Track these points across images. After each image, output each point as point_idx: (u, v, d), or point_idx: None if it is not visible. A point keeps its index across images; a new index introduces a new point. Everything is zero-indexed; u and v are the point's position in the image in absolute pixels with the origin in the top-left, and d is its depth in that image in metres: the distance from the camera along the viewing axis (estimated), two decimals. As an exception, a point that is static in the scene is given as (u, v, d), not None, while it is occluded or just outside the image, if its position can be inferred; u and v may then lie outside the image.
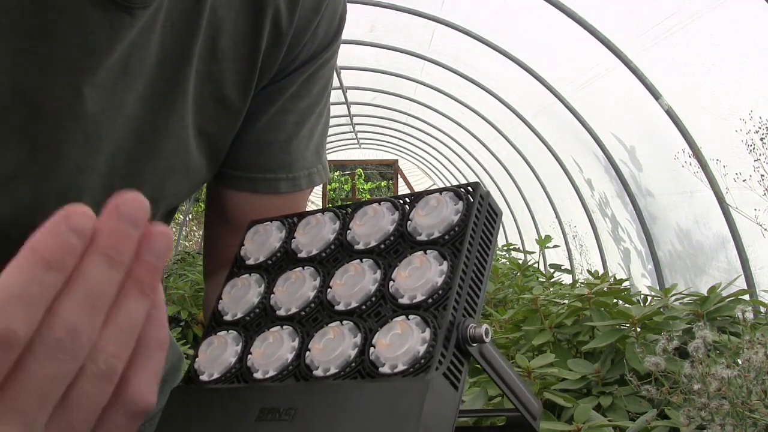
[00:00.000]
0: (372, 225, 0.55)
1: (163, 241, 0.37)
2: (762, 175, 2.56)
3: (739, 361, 1.34)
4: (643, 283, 4.55)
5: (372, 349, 0.48)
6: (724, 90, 3.23)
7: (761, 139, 2.53)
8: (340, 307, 0.52)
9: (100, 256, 0.35)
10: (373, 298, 0.51)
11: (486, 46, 4.98)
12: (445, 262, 0.50)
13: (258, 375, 0.52)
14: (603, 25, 3.80)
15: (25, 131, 0.57)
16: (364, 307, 0.51)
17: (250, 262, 0.60)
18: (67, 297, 0.34)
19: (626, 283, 3.35)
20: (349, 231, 0.56)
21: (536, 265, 5.36)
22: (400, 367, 0.46)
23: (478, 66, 5.64)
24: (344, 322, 0.51)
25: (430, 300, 0.48)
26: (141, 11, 0.58)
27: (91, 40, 0.57)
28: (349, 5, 0.82)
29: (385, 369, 0.46)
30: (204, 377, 0.54)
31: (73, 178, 0.61)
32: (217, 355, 0.54)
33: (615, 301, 2.42)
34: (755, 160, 2.57)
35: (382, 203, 0.56)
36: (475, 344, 0.47)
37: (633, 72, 3.74)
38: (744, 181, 2.67)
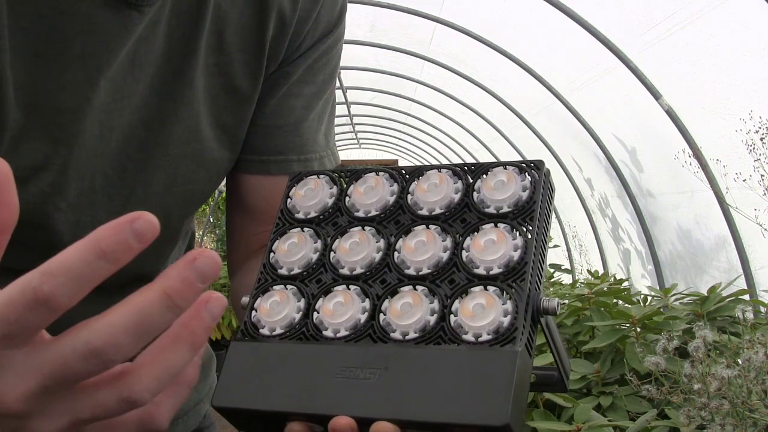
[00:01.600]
0: (436, 192, 0.55)
1: (220, 307, 0.39)
2: (762, 175, 2.56)
3: (739, 361, 1.34)
4: (643, 283, 4.55)
5: (452, 316, 0.49)
6: (724, 90, 3.23)
7: (761, 139, 2.53)
8: (411, 272, 0.52)
9: (163, 296, 0.36)
10: (446, 266, 0.52)
11: (486, 45, 4.97)
12: (519, 237, 0.51)
13: (328, 333, 0.51)
14: (603, 25, 3.79)
15: (48, 126, 0.60)
16: (436, 273, 0.52)
17: (300, 215, 0.59)
18: (119, 313, 0.36)
19: (626, 283, 3.35)
20: (410, 195, 0.56)
21: (536, 265, 5.35)
22: (485, 337, 0.47)
23: (478, 66, 5.64)
24: (418, 287, 0.51)
25: (506, 272, 0.50)
26: (148, 8, 0.61)
27: (104, 38, 0.60)
28: (349, 5, 0.84)
29: (468, 337, 0.48)
30: (265, 331, 0.53)
31: (89, 164, 0.65)
32: (280, 311, 0.53)
33: (615, 301, 2.42)
34: (755, 160, 2.57)
35: (443, 170, 0.56)
36: (545, 315, 0.49)
37: (633, 72, 3.74)
38: (744, 181, 2.67)
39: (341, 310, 0.51)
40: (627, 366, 1.84)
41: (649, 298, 2.70)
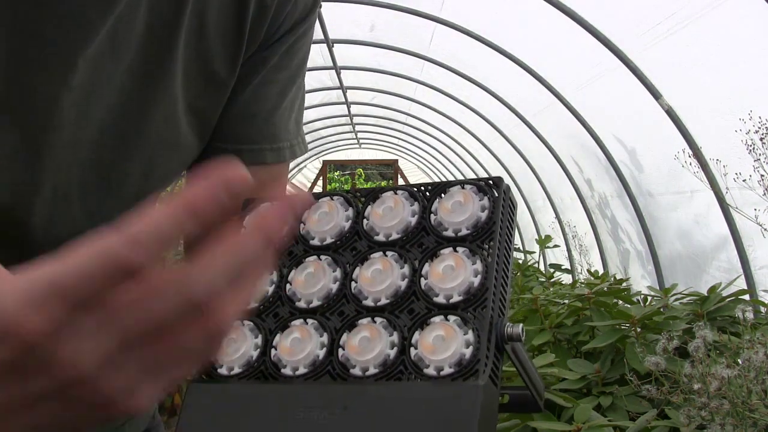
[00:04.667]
0: (392, 215, 0.54)
1: (304, 205, 0.39)
2: (762, 175, 2.56)
3: (739, 361, 1.34)
4: (643, 283, 4.54)
5: (413, 349, 0.48)
6: (724, 90, 3.23)
7: (761, 139, 2.53)
8: (369, 303, 0.51)
9: (264, 238, 0.36)
10: (404, 295, 0.50)
11: (486, 45, 4.97)
12: (478, 261, 0.49)
13: (287, 371, 0.50)
14: (603, 25, 3.79)
15: (18, 110, 0.57)
16: (395, 303, 0.50)
17: None
18: (222, 260, 0.35)
19: (626, 283, 3.35)
20: (366, 220, 0.55)
21: (536, 265, 5.36)
22: (447, 370, 0.46)
23: (478, 66, 5.64)
24: (377, 319, 0.50)
25: (467, 299, 0.48)
26: None
27: (83, 15, 0.57)
28: (349, 5, 0.83)
29: (430, 371, 0.46)
30: (223, 371, 0.52)
31: (65, 153, 0.62)
32: (236, 348, 0.52)
33: (615, 301, 2.42)
34: (755, 160, 2.57)
35: (398, 192, 0.55)
36: (510, 342, 0.48)
37: (633, 72, 3.74)
38: (744, 181, 2.67)
39: (299, 346, 0.50)
40: (627, 366, 1.84)
41: (649, 298, 2.70)
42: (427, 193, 0.54)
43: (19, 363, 0.33)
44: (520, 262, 5.26)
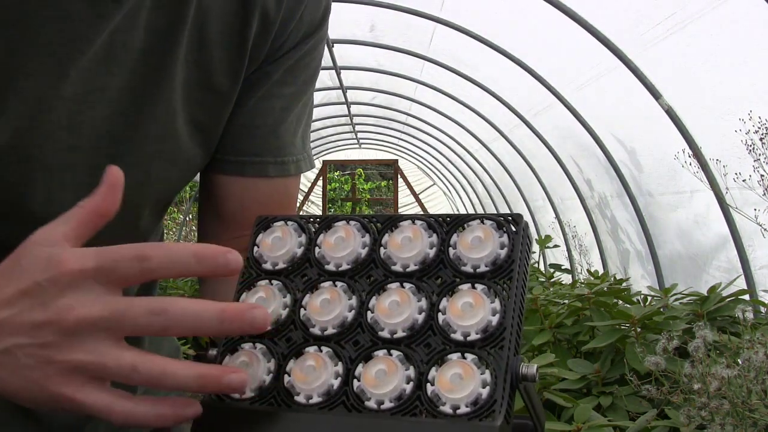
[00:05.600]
0: (411, 246, 0.53)
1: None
2: (762, 175, 2.56)
3: (739, 361, 1.34)
4: (643, 283, 4.54)
5: (429, 385, 0.48)
6: (724, 90, 3.23)
7: (761, 139, 2.53)
8: (385, 334, 0.51)
9: (220, 314, 0.48)
10: (421, 329, 0.50)
11: (486, 45, 4.97)
12: (497, 300, 0.50)
13: (300, 399, 0.50)
14: (603, 25, 3.79)
15: (10, 114, 0.58)
16: (411, 337, 0.50)
17: (267, 266, 0.57)
18: (188, 300, 0.47)
19: (626, 283, 3.35)
20: (383, 249, 0.54)
21: (536, 265, 5.36)
22: (464, 409, 0.46)
23: (478, 66, 5.64)
24: (393, 351, 0.50)
25: (484, 338, 0.49)
26: None
27: (77, 27, 0.57)
28: (349, 5, 0.83)
29: (446, 408, 0.47)
30: (234, 394, 0.51)
31: (57, 157, 0.62)
32: (249, 373, 0.51)
33: (615, 301, 2.42)
34: (755, 160, 2.57)
35: (417, 222, 0.54)
36: (524, 382, 0.48)
37: (633, 72, 3.74)
38: (744, 181, 2.67)
39: (313, 374, 0.50)
40: (627, 366, 1.84)
41: (649, 298, 2.70)
42: (446, 225, 0.54)
43: (41, 289, 0.46)
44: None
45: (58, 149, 0.62)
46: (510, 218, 0.53)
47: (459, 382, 0.47)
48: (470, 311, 0.49)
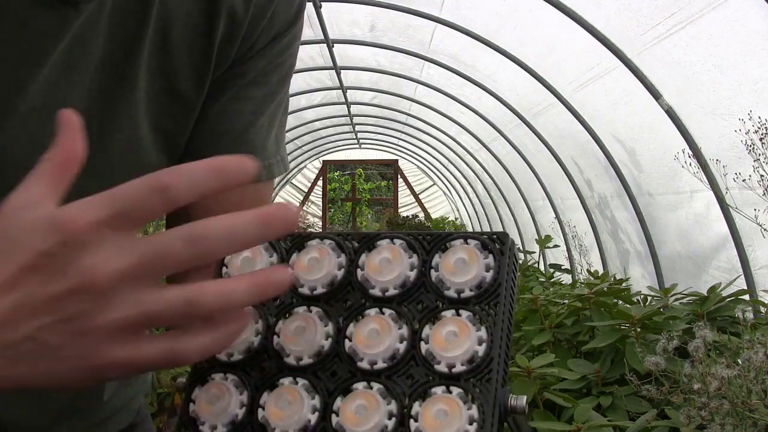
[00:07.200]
0: (390, 269, 0.50)
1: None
2: (762, 175, 2.56)
3: (739, 361, 1.34)
4: (643, 283, 4.54)
5: (413, 421, 0.45)
6: (724, 90, 3.23)
7: (761, 139, 2.53)
8: (364, 365, 0.48)
9: (260, 220, 0.44)
10: (403, 359, 0.47)
11: (486, 45, 4.98)
12: (483, 328, 0.47)
13: None
14: (603, 25, 3.79)
15: None
16: (392, 368, 0.47)
17: None
18: (221, 218, 0.43)
19: (626, 283, 3.35)
20: (360, 270, 0.51)
21: (536, 265, 5.36)
22: None
23: (478, 66, 5.64)
24: (373, 384, 0.47)
25: (469, 369, 0.46)
26: (85, 5, 0.56)
27: (37, 39, 0.55)
28: (349, 5, 0.81)
29: None
30: (206, 429, 0.49)
31: (20, 176, 0.61)
32: (220, 406, 0.48)
33: (615, 301, 2.42)
34: (755, 161, 2.57)
35: (395, 241, 0.51)
36: (513, 414, 0.46)
37: (633, 72, 3.74)
38: (744, 181, 2.67)
39: (289, 409, 0.47)
40: (627, 366, 1.84)
41: (649, 298, 2.71)
42: (426, 245, 0.51)
43: (51, 258, 0.40)
44: (520, 262, 5.26)
45: (18, 167, 0.59)
46: (495, 237, 0.49)
47: (445, 419, 0.44)
48: (455, 341, 0.46)
